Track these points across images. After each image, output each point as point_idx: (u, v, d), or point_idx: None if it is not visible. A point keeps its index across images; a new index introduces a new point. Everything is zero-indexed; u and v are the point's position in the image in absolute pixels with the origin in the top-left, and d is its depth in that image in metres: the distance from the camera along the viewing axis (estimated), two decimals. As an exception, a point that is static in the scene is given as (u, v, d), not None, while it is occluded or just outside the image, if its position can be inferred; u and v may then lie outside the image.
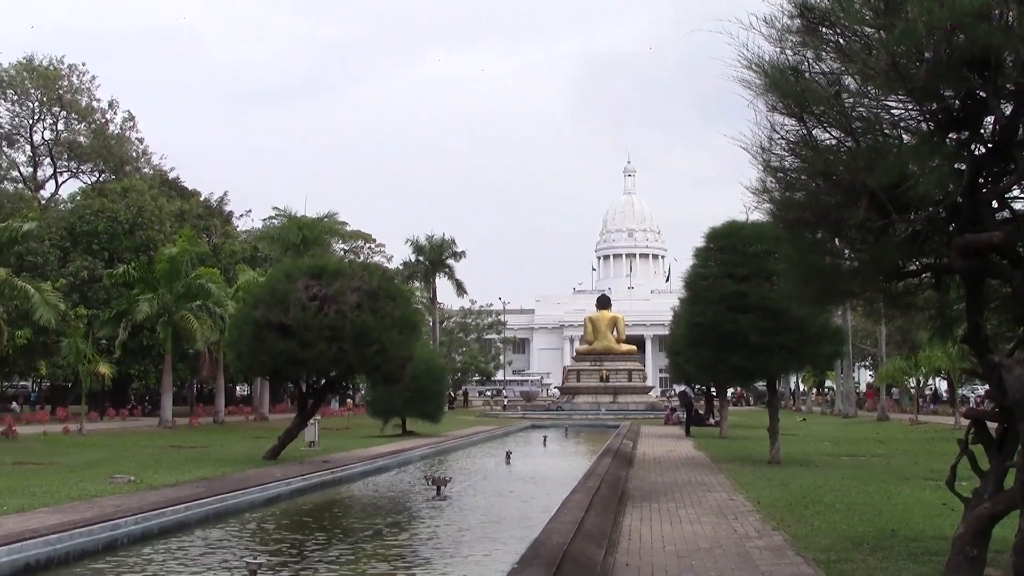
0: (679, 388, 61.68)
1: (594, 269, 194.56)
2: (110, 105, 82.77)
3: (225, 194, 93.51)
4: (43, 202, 75.28)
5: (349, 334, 25.96)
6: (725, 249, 29.37)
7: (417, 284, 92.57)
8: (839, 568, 11.62)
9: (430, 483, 22.03)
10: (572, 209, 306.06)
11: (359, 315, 26.19)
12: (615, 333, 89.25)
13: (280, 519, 18.52)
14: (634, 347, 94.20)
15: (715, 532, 14.74)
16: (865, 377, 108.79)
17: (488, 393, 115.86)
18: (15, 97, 79.74)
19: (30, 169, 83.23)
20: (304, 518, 18.66)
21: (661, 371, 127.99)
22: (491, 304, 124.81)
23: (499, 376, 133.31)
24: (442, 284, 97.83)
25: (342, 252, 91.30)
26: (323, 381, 29.89)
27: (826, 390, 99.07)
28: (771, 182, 11.13)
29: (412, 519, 18.98)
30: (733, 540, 13.95)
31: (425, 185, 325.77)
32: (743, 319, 27.10)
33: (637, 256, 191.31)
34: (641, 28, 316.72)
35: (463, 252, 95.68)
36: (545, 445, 41.66)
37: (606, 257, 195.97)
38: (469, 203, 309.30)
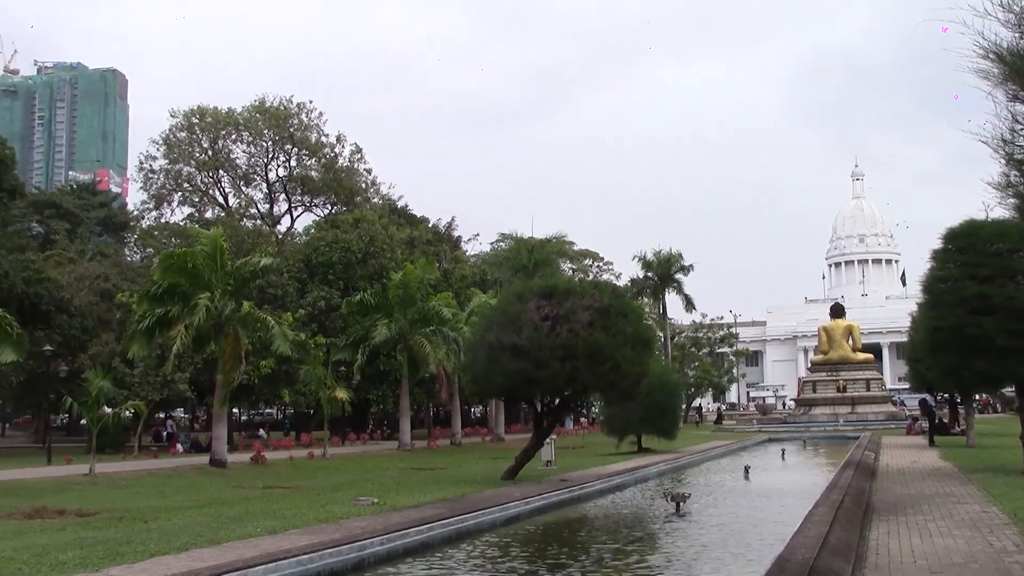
0: (913, 397, 59.42)
1: (824, 277, 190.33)
2: (338, 139, 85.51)
3: (452, 219, 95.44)
4: (280, 236, 78.22)
5: (582, 352, 25.95)
6: (965, 250, 28.16)
7: (646, 300, 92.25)
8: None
9: (669, 500, 21.88)
10: (799, 216, 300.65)
11: (592, 333, 26.14)
12: (851, 342, 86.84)
13: (520, 538, 18.70)
14: (871, 355, 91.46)
15: (969, 546, 14.06)
16: None
17: (722, 407, 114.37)
18: (250, 138, 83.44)
19: (267, 205, 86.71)
20: (544, 537, 18.79)
21: (900, 379, 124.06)
22: (721, 317, 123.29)
23: (733, 390, 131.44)
24: (671, 299, 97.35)
25: (570, 272, 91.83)
26: (557, 400, 30.00)
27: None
28: (1016, 176, 10.70)
29: (652, 536, 18.89)
30: (990, 555, 13.25)
31: (648, 199, 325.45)
32: (987, 322, 25.98)
33: (869, 262, 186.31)
34: (856, 24, 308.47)
35: (691, 266, 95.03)
36: (783, 459, 40.93)
37: (837, 264, 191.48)
38: (693, 215, 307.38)
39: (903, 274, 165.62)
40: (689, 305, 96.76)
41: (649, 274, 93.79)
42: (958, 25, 9.21)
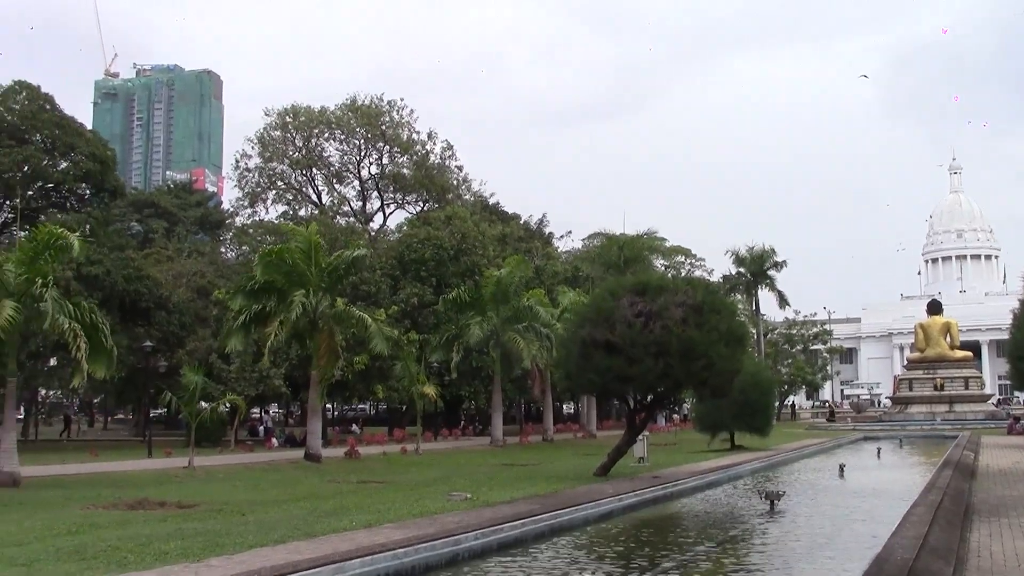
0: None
1: (920, 273, 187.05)
2: (429, 136, 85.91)
3: (544, 216, 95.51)
4: (372, 233, 78.81)
5: (675, 349, 25.77)
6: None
7: (739, 297, 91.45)
8: None
9: (763, 498, 21.71)
10: (895, 211, 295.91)
11: (685, 330, 25.95)
12: (948, 339, 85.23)
13: (613, 535, 18.66)
14: (969, 353, 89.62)
15: (1077, 550, 13.75)
16: None
17: (816, 405, 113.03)
18: (342, 136, 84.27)
19: (359, 203, 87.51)
20: (637, 533, 18.72)
21: (1000, 378, 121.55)
22: (815, 314, 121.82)
23: (827, 387, 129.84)
24: (764, 295, 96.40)
25: (662, 268, 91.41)
26: (650, 397, 29.88)
27: None
28: None
29: (747, 535, 18.75)
30: (1099, 559, 12.97)
31: (739, 194, 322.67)
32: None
33: (968, 257, 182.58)
34: (950, 14, 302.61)
35: (784, 262, 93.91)
36: (879, 457, 40.35)
37: (934, 260, 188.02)
38: (785, 210, 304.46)
39: (1004, 270, 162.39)
40: (783, 301, 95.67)
41: (742, 270, 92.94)
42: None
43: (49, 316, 26.37)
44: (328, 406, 73.30)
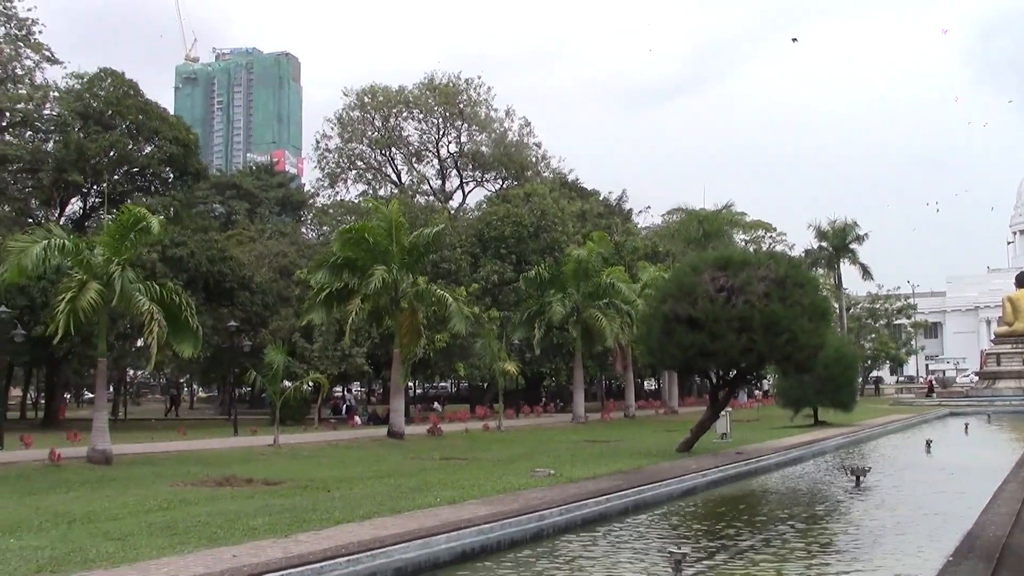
0: None
1: (1010, 243, 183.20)
2: (507, 114, 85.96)
3: (623, 192, 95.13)
4: (452, 212, 79.03)
5: (758, 324, 25.55)
6: None
7: (820, 271, 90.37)
8: None
9: (849, 473, 21.50)
10: (981, 182, 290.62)
11: (768, 304, 25.72)
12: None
13: (698, 510, 18.59)
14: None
15: None
16: None
17: (901, 380, 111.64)
18: (421, 116, 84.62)
19: (439, 181, 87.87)
20: (721, 509, 18.63)
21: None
22: (898, 288, 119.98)
23: (911, 362, 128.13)
24: (846, 269, 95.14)
25: (742, 243, 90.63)
26: (733, 372, 29.68)
27: None
28: None
29: (832, 510, 18.59)
30: None
31: (819, 167, 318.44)
32: None
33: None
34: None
35: (866, 235, 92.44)
36: (967, 433, 39.76)
37: (1022, 232, 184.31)
38: (868, 182, 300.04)
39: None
40: (866, 275, 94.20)
41: (823, 244, 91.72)
42: None
43: (127, 296, 26.80)
44: (410, 384, 73.82)
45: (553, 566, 13.08)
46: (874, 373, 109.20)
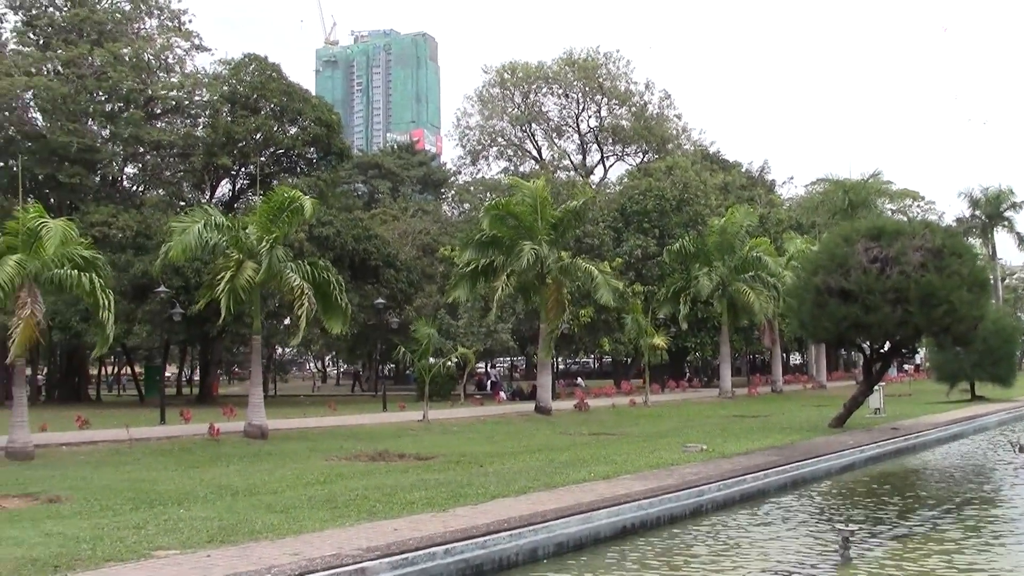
0: None
1: None
2: (647, 87, 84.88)
3: (765, 163, 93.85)
4: (594, 186, 78.69)
5: (914, 295, 24.84)
6: None
7: (973, 240, 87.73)
8: None
9: (1017, 450, 20.84)
10: None
11: (924, 275, 24.98)
12: None
13: (858, 487, 18.19)
14: None
15: None
16: None
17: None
18: (560, 91, 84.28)
19: (579, 156, 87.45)
20: (883, 486, 18.20)
21: None
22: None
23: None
24: (1000, 238, 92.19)
25: (890, 212, 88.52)
26: (887, 345, 28.98)
27: None
28: None
29: (999, 488, 18.04)
30: None
31: (969, 132, 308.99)
32: None
33: None
34: None
35: (1022, 202, 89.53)
36: None
37: None
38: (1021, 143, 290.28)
39: None
40: (1022, 244, 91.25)
41: (976, 212, 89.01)
42: None
43: (278, 274, 27.28)
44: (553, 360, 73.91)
45: (717, 543, 12.91)
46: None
